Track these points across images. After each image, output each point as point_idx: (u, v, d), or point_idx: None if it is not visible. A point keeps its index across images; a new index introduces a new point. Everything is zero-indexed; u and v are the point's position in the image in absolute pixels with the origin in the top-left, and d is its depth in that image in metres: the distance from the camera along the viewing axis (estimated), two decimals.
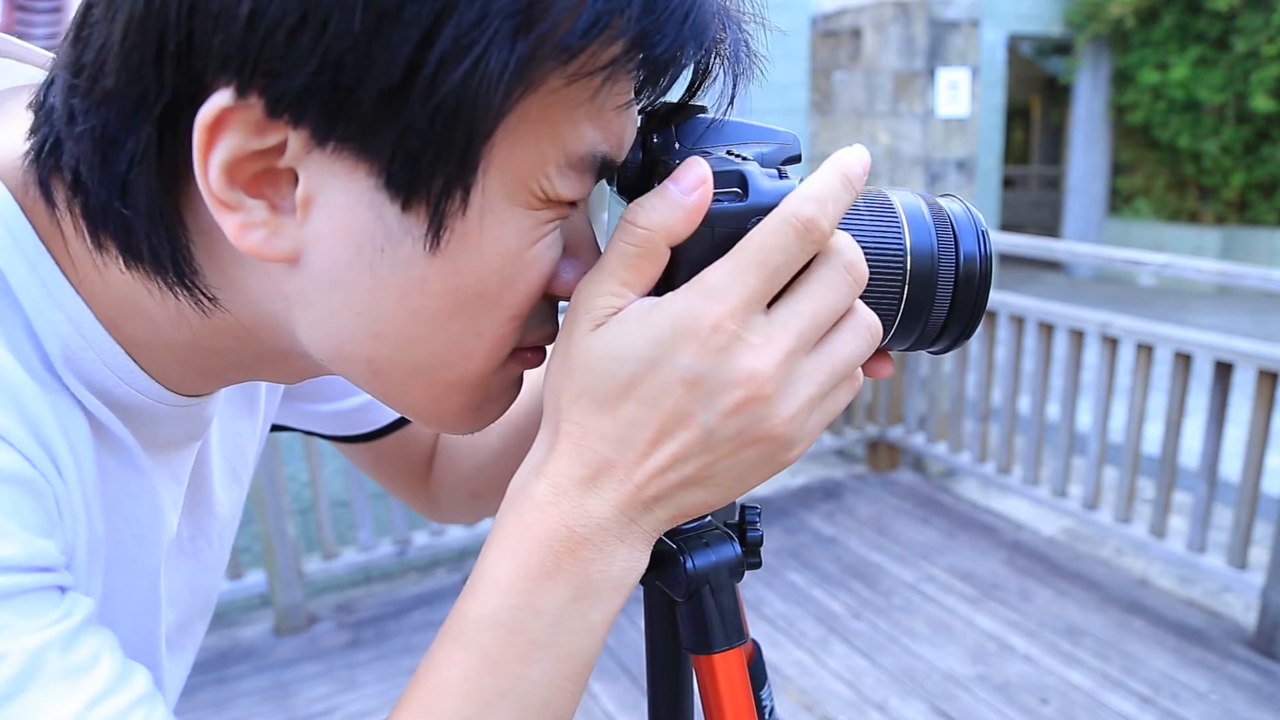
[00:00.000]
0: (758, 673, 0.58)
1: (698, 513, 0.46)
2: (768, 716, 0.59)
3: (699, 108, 0.48)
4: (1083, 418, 3.84)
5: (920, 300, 0.48)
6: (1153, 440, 3.51)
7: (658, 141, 0.47)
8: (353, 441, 0.76)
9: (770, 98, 5.07)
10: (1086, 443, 3.54)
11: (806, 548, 3.69)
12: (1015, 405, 3.82)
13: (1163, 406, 3.24)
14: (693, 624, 0.53)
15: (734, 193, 0.43)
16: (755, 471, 0.45)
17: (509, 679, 0.43)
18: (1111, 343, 3.35)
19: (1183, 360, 3.15)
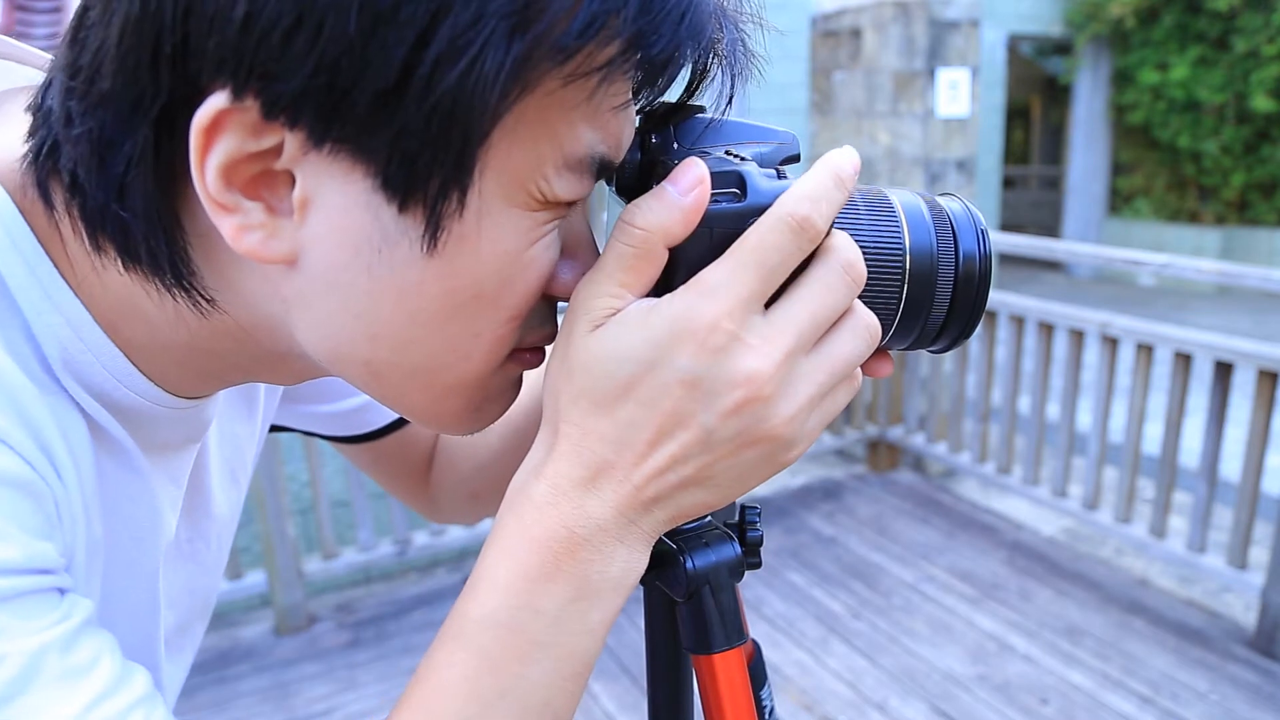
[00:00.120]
0: (758, 673, 0.58)
1: (697, 513, 0.46)
2: (768, 716, 0.59)
3: (697, 108, 0.48)
4: (1083, 418, 3.84)
5: (920, 299, 0.48)
6: (1153, 440, 3.51)
7: (656, 142, 0.47)
8: (352, 442, 0.76)
9: (770, 98, 5.07)
10: (1086, 443, 3.54)
11: (806, 548, 3.69)
12: (1015, 405, 3.82)
13: (1163, 406, 3.24)
14: (693, 624, 0.53)
15: (732, 193, 0.43)
16: (755, 472, 0.45)
17: (509, 679, 0.43)
18: (1111, 343, 3.35)
19: (1183, 360, 3.15)
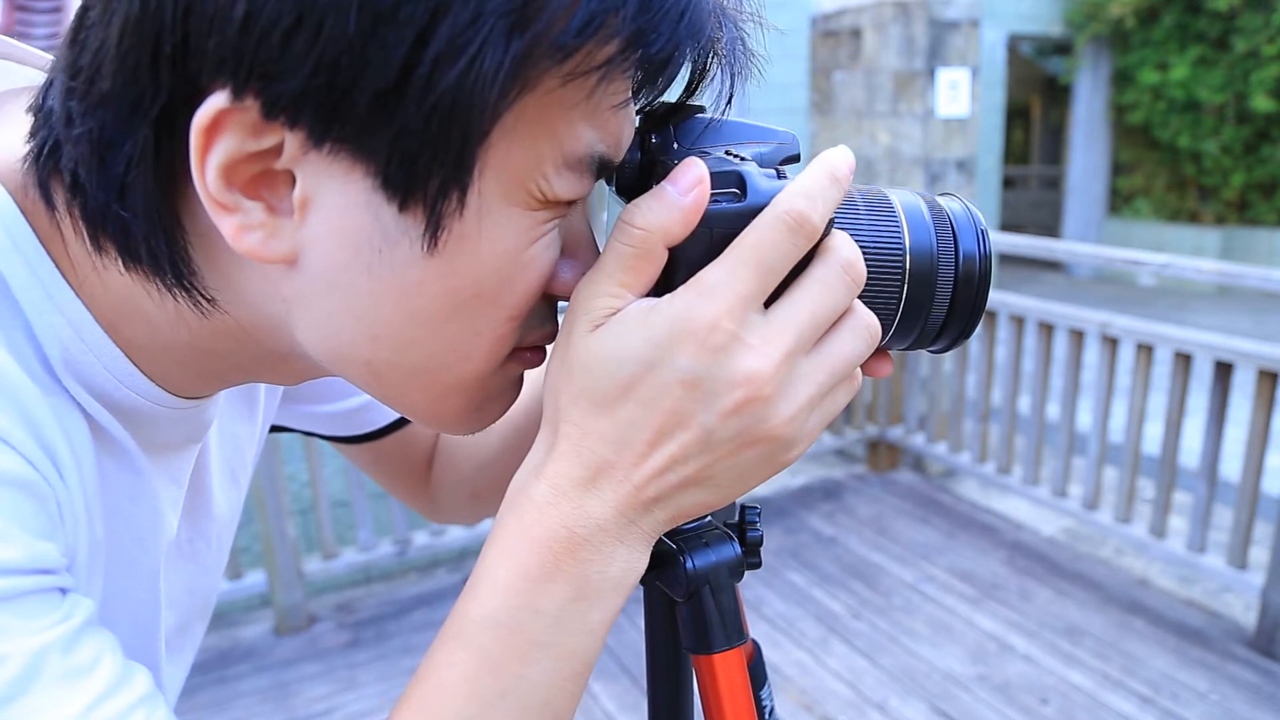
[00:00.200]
0: (758, 673, 0.58)
1: (697, 513, 0.46)
2: (768, 716, 0.59)
3: (697, 107, 0.47)
4: (1083, 418, 3.84)
5: (919, 299, 0.48)
6: (1153, 440, 3.51)
7: (656, 141, 0.47)
8: (352, 442, 0.76)
9: (770, 98, 5.07)
10: (1086, 443, 3.54)
11: (806, 548, 3.69)
12: (1015, 405, 3.82)
13: (1163, 406, 3.24)
14: (693, 624, 0.53)
15: (732, 193, 0.43)
16: (755, 472, 0.45)
17: (509, 679, 0.43)
18: (1111, 343, 3.35)
19: (1183, 360, 3.15)
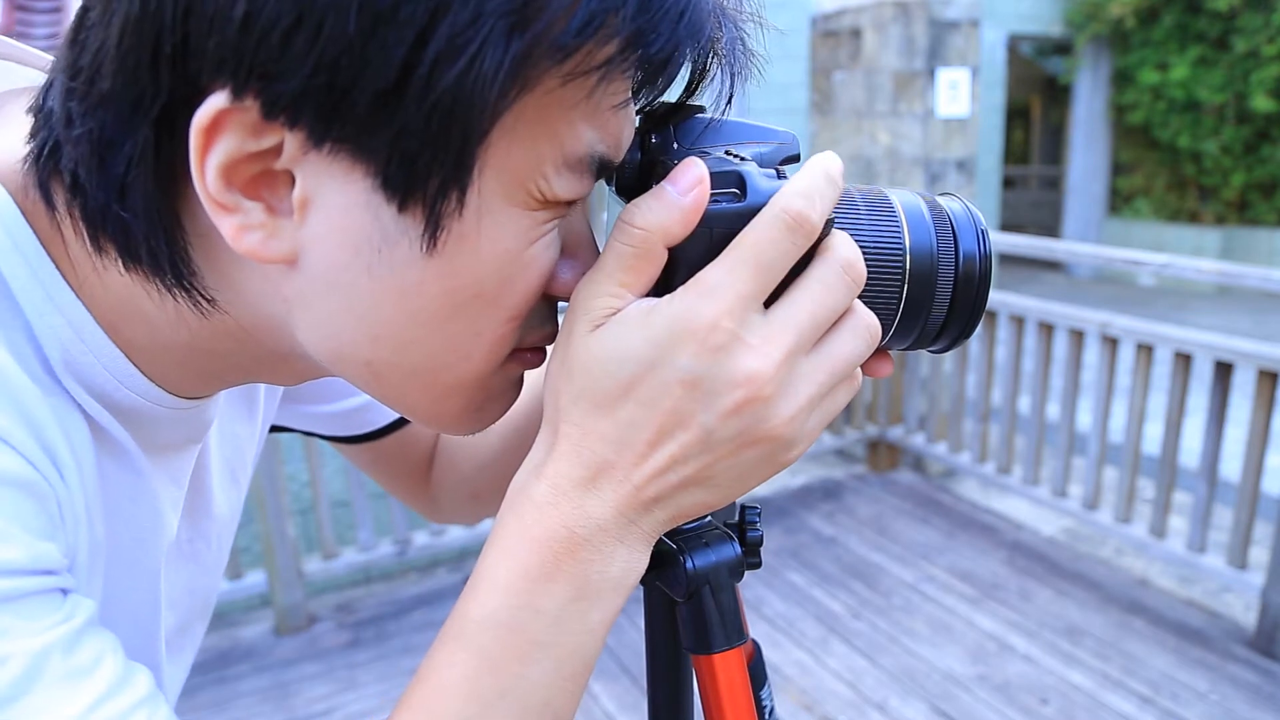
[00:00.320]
0: (758, 673, 0.58)
1: (697, 513, 0.46)
2: (768, 716, 0.59)
3: (697, 107, 0.47)
4: (1083, 418, 3.84)
5: (920, 299, 0.48)
6: (1153, 440, 3.51)
7: (656, 141, 0.47)
8: (352, 442, 0.76)
9: (770, 98, 5.07)
10: (1086, 443, 3.54)
11: (806, 548, 3.69)
12: (1015, 405, 3.82)
13: (1163, 406, 3.24)
14: (693, 624, 0.53)
15: (732, 193, 0.43)
16: (755, 472, 0.45)
17: (509, 679, 0.43)
18: (1111, 343, 3.35)
19: (1183, 360, 3.15)
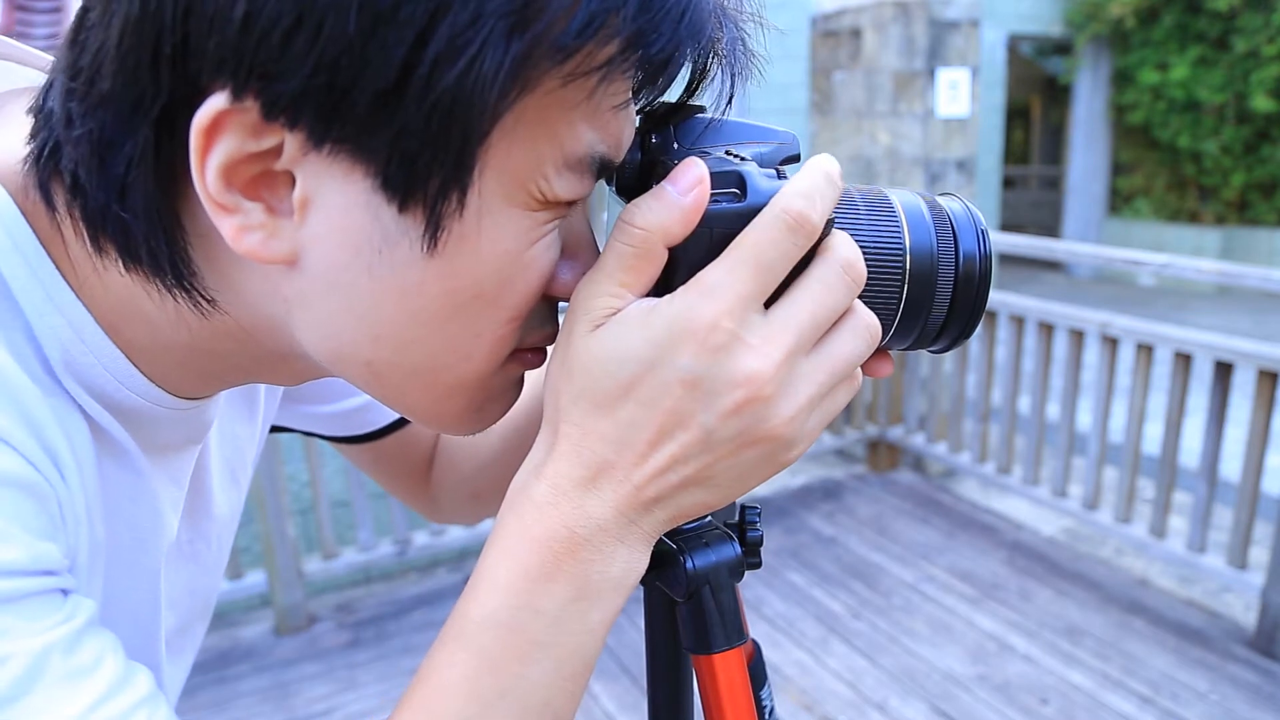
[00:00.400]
0: (758, 673, 0.58)
1: (697, 513, 0.46)
2: (768, 716, 0.59)
3: (697, 108, 0.47)
4: (1083, 418, 3.84)
5: (920, 299, 0.48)
6: (1153, 440, 3.51)
7: (656, 142, 0.47)
8: (352, 442, 0.76)
9: (770, 98, 5.07)
10: (1086, 443, 3.54)
11: (806, 548, 3.69)
12: (1015, 405, 3.82)
13: (1163, 406, 3.24)
14: (693, 624, 0.53)
15: (732, 193, 0.43)
16: (755, 472, 0.45)
17: (509, 679, 0.43)
18: (1111, 343, 3.35)
19: (1183, 360, 3.15)
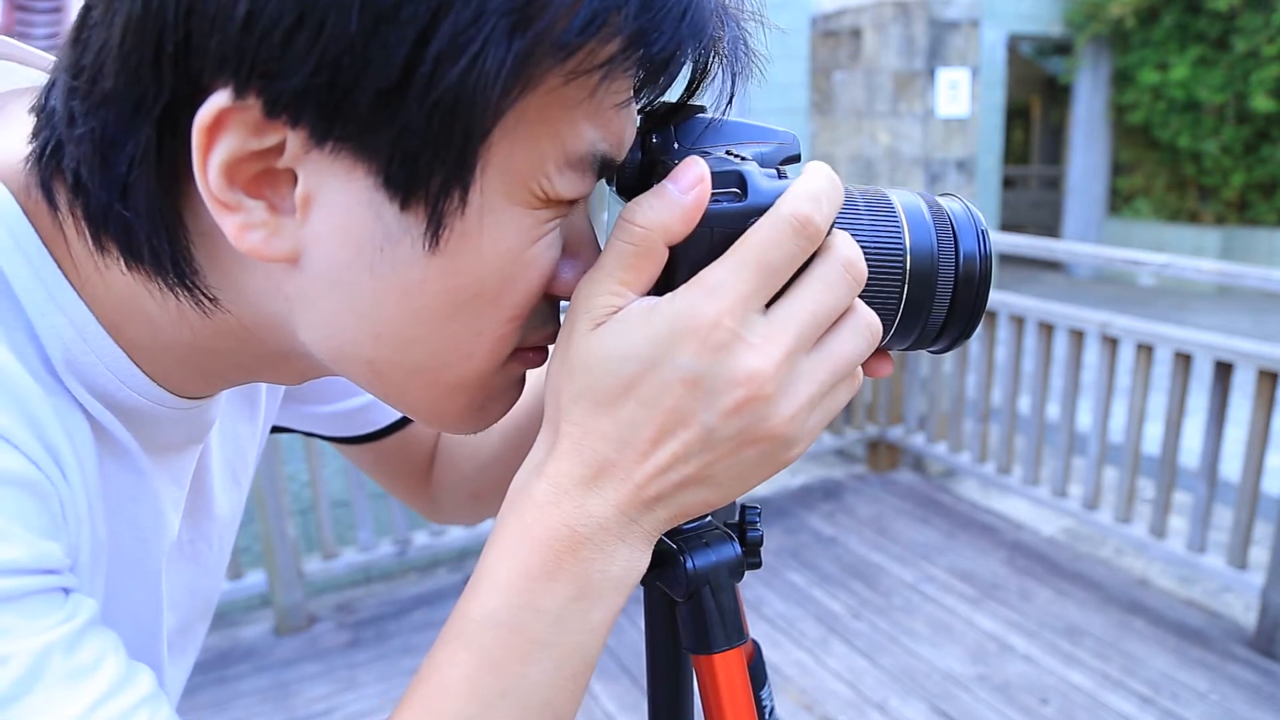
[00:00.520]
0: (758, 673, 0.58)
1: (698, 512, 0.46)
2: (768, 716, 0.59)
3: (698, 107, 0.48)
4: (1083, 418, 3.84)
5: (920, 300, 0.48)
6: (1153, 440, 3.51)
7: (657, 141, 0.47)
8: (353, 442, 0.76)
9: (770, 98, 5.07)
10: (1086, 443, 3.54)
11: (806, 548, 3.69)
12: (1015, 405, 3.82)
13: (1163, 406, 3.24)
14: (693, 624, 0.53)
15: (733, 193, 0.43)
16: (756, 471, 0.45)
17: (510, 679, 0.43)
18: (1111, 343, 3.35)
19: (1183, 360, 3.15)
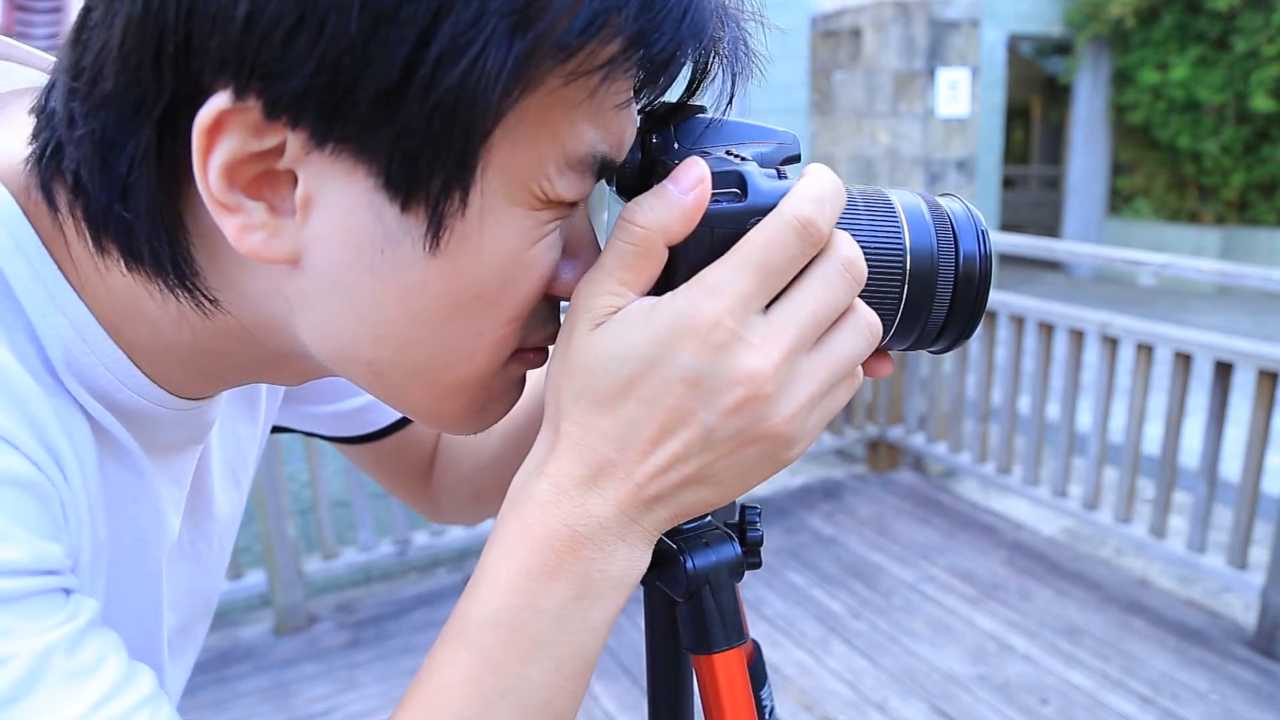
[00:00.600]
0: (758, 673, 0.58)
1: (698, 512, 0.46)
2: (768, 716, 0.59)
3: (698, 107, 0.48)
4: (1083, 418, 3.84)
5: (920, 300, 0.48)
6: (1153, 440, 3.51)
7: (657, 141, 0.47)
8: (354, 443, 0.76)
9: (770, 98, 5.07)
10: (1086, 443, 3.54)
11: (806, 548, 3.69)
12: (1015, 405, 3.82)
13: (1163, 406, 3.24)
14: (693, 624, 0.53)
15: (733, 193, 0.43)
16: (756, 470, 0.45)
17: (510, 678, 0.43)
18: (1111, 343, 3.35)
19: (1183, 360, 3.15)
